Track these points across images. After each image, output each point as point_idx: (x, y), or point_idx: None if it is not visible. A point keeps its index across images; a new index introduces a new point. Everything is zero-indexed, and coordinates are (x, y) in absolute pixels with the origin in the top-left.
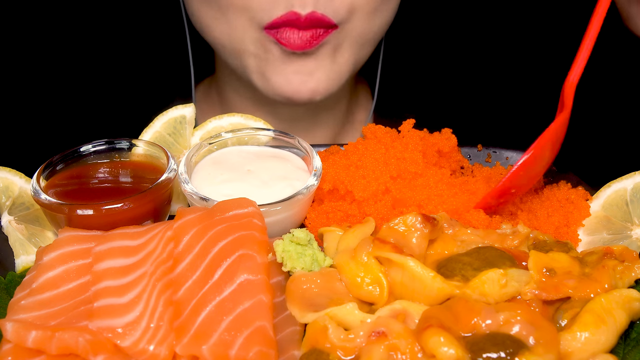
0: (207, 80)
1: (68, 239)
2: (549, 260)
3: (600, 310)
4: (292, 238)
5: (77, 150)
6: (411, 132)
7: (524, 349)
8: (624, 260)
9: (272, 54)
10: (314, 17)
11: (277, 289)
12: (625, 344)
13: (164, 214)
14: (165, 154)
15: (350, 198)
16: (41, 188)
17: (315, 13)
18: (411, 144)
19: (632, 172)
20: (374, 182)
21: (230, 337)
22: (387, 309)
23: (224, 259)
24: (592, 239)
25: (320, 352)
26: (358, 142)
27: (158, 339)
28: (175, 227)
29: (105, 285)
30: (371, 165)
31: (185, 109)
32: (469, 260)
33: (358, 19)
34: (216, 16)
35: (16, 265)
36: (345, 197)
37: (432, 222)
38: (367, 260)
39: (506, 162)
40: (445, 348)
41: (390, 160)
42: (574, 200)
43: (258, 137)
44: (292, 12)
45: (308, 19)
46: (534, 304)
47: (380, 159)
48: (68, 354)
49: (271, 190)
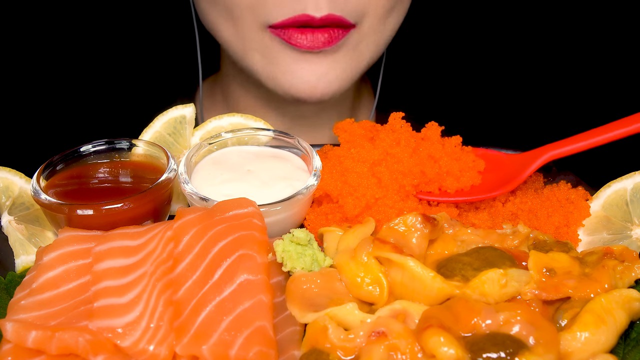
0: (211, 78)
1: (68, 239)
2: (549, 260)
3: (600, 310)
4: (292, 238)
5: (77, 150)
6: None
7: (524, 349)
8: (624, 260)
9: (281, 54)
10: (331, 18)
11: (277, 289)
12: (625, 344)
13: (164, 214)
14: (165, 154)
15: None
16: (41, 188)
17: (332, 15)
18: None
19: (632, 172)
20: (362, 198)
21: (230, 337)
22: (387, 309)
23: (224, 259)
24: (592, 239)
25: (320, 352)
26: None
27: (158, 339)
28: (175, 227)
29: (105, 285)
30: (356, 180)
31: (185, 109)
32: (469, 260)
33: (374, 19)
34: (223, 15)
35: (16, 265)
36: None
37: (432, 222)
38: (367, 260)
39: None
40: (445, 348)
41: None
42: (574, 200)
43: (258, 137)
44: (304, 15)
45: (324, 19)
46: (534, 304)
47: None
48: (68, 354)
49: (271, 190)
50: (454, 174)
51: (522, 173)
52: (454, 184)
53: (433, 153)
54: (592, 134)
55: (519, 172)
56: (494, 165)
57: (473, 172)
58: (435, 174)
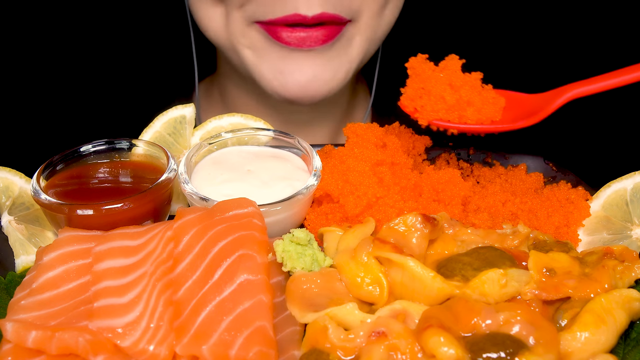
0: (208, 79)
1: (68, 239)
2: (549, 260)
3: (600, 310)
4: (292, 238)
5: (77, 150)
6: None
7: (524, 349)
8: (624, 260)
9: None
10: (325, 16)
11: (277, 289)
12: (625, 344)
13: (164, 214)
14: (165, 154)
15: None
16: (41, 188)
17: (325, 13)
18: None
19: (632, 172)
20: (364, 197)
21: (230, 337)
22: (387, 309)
23: (224, 259)
24: (592, 239)
25: (320, 352)
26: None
27: (158, 339)
28: (175, 227)
29: (105, 285)
30: (357, 179)
31: (185, 109)
32: (469, 260)
33: (369, 15)
34: (212, 12)
35: (16, 265)
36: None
37: (432, 222)
38: (367, 260)
39: (506, 162)
40: (445, 348)
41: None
42: (574, 200)
43: (258, 137)
44: (295, 14)
45: (316, 18)
46: (534, 304)
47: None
48: (68, 354)
49: (271, 190)
50: (475, 104)
51: (546, 109)
52: (475, 115)
53: (453, 82)
54: (616, 74)
55: (541, 109)
56: (515, 103)
57: (494, 106)
58: (455, 101)
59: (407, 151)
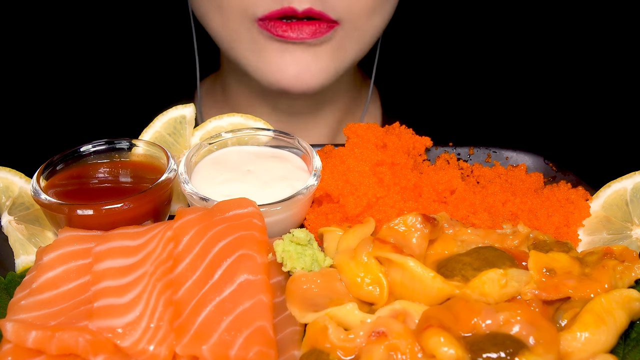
0: (211, 76)
1: (68, 239)
2: (549, 260)
3: (600, 310)
4: (292, 238)
5: (77, 150)
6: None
7: (524, 349)
8: (624, 260)
9: (268, 46)
10: (312, 12)
11: (277, 289)
12: (625, 344)
13: (164, 214)
14: (165, 154)
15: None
16: (41, 188)
17: (312, 9)
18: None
19: (632, 172)
20: (364, 197)
21: (230, 337)
22: (387, 309)
23: (224, 259)
24: (592, 239)
25: (320, 352)
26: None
27: (158, 339)
28: (175, 227)
29: (105, 285)
30: (357, 179)
31: (185, 109)
32: (469, 260)
33: (357, 17)
34: (211, 8)
35: (16, 265)
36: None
37: (432, 222)
38: (367, 260)
39: (506, 162)
40: (445, 348)
41: (376, 168)
42: (574, 200)
43: (258, 137)
44: (289, 7)
45: (305, 12)
46: (534, 304)
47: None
48: (68, 354)
49: (271, 191)
50: None
51: None
52: None
53: None
54: None
55: None
56: None
57: None
58: None
59: (407, 151)
